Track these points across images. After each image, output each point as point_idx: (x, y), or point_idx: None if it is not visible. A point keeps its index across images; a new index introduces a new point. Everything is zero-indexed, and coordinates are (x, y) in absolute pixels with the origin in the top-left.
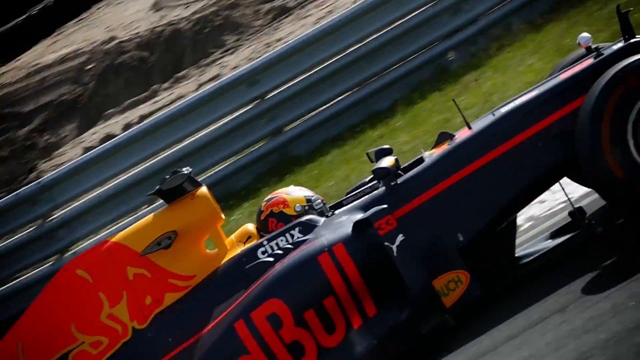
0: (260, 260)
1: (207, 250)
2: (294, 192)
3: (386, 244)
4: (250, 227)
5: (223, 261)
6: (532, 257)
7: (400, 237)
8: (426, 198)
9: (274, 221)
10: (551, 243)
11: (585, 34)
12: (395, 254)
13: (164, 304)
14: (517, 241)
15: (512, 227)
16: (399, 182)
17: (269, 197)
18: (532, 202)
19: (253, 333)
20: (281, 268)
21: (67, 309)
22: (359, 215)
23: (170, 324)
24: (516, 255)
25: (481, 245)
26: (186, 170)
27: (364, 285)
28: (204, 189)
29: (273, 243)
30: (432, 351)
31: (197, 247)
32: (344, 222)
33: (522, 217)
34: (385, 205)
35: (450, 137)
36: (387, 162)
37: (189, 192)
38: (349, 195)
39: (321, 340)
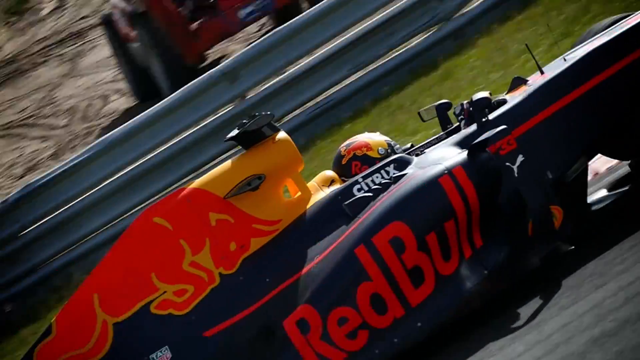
0: (358, 196)
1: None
2: (374, 137)
3: (507, 164)
4: (330, 173)
5: (308, 205)
6: (603, 204)
7: (520, 158)
8: (520, 132)
9: (358, 164)
10: (614, 194)
11: None
12: (516, 174)
13: (250, 250)
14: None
15: (584, 174)
16: (490, 118)
17: (348, 142)
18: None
19: (375, 258)
20: (401, 191)
21: (146, 258)
22: (456, 150)
23: (264, 265)
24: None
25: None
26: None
27: (478, 212)
28: (283, 133)
29: (368, 180)
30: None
31: (280, 192)
32: (444, 154)
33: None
34: (504, 126)
35: (525, 82)
36: (482, 94)
37: (269, 137)
38: (417, 147)
39: (439, 267)
